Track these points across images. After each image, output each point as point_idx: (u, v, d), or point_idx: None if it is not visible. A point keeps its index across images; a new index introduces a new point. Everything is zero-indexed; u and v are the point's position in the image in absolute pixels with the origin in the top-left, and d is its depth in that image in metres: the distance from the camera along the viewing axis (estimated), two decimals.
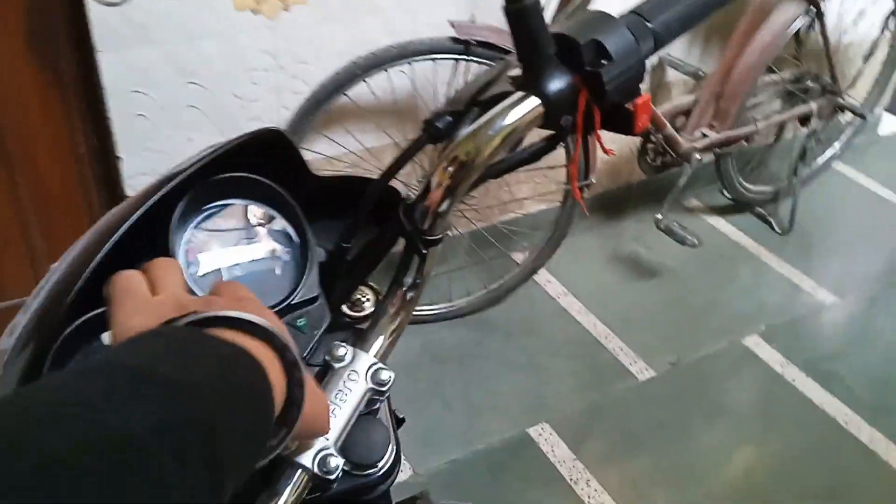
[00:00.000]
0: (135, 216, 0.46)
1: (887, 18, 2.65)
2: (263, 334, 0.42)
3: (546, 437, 1.87)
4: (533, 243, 2.20)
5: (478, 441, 1.83)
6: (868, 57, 2.73)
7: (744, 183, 2.63)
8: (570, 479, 1.78)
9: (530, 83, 0.51)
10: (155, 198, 0.48)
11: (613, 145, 2.32)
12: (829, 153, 2.90)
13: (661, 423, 1.95)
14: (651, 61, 1.81)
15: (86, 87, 1.59)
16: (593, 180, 2.00)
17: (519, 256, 2.28)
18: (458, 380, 1.98)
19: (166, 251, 0.53)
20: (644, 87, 0.81)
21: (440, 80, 1.90)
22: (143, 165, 1.68)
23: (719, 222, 2.68)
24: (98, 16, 1.48)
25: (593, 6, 1.52)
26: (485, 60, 1.81)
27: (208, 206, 0.57)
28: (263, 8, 1.64)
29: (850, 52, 2.74)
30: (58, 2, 1.48)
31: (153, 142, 1.67)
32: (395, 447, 0.57)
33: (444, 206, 0.53)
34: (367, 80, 1.77)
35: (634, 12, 0.55)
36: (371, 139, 1.95)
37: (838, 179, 2.96)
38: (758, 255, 2.56)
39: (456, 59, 1.82)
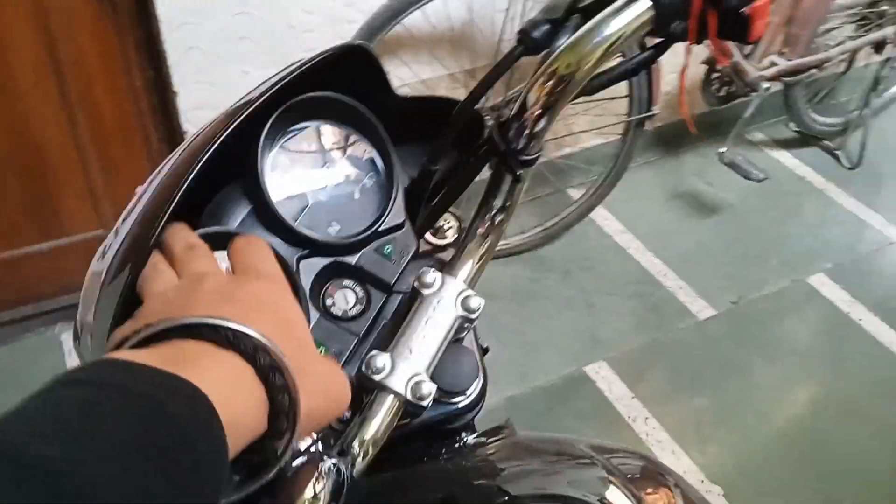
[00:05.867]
0: (220, 138, 0.44)
1: None
2: (229, 340, 0.36)
3: (603, 375, 1.85)
4: (590, 179, 2.15)
5: (534, 378, 1.83)
6: None
7: (812, 114, 2.51)
8: (628, 417, 1.76)
9: None
10: (241, 117, 0.45)
11: (672, 74, 2.24)
12: None
13: (722, 362, 1.91)
14: None
15: (140, 18, 1.57)
16: (656, 110, 1.92)
17: (575, 193, 2.23)
18: (513, 317, 1.96)
19: (254, 172, 0.51)
20: None
21: (498, 7, 1.83)
22: (198, 99, 1.66)
23: (785, 156, 2.57)
24: None
25: None
26: None
27: (292, 127, 0.55)
28: None
29: None
30: None
31: (208, 75, 1.64)
32: (483, 375, 0.55)
33: (541, 125, 0.49)
34: (422, 7, 1.71)
35: None
36: (426, 70, 1.90)
37: None
38: (824, 191, 2.46)
39: None
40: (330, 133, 0.57)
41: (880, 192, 2.47)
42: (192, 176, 0.43)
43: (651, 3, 0.46)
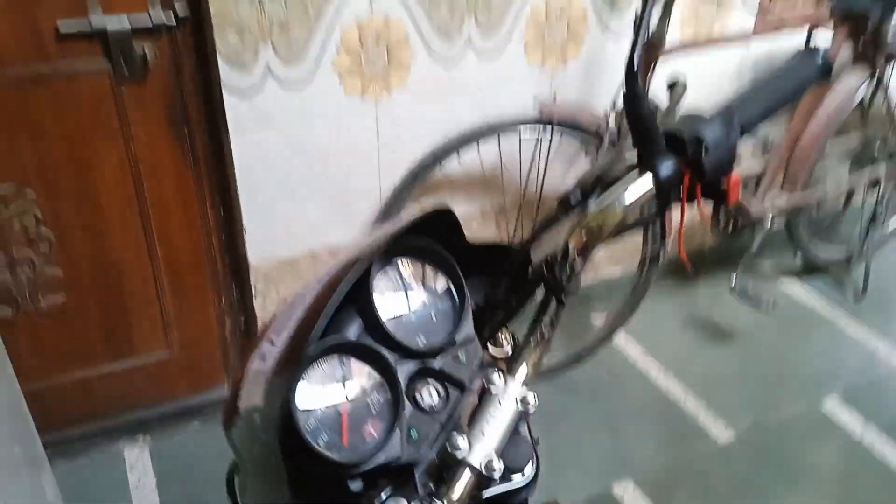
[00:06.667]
0: (354, 276, 0.62)
1: None
2: None
3: (630, 494, 1.94)
4: (610, 307, 2.32)
5: (563, 496, 1.91)
6: None
7: (816, 246, 2.70)
8: None
9: (645, 167, 0.66)
10: (367, 262, 0.64)
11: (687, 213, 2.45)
12: None
13: (742, 484, 2.00)
14: None
15: (217, 166, 1.82)
16: (669, 245, 2.12)
17: (597, 319, 2.39)
18: (542, 437, 2.06)
19: (368, 298, 0.69)
20: None
21: (525, 154, 2.07)
22: (262, 235, 1.88)
23: (793, 286, 2.74)
24: (231, 105, 1.71)
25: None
26: (567, 137, 1.97)
27: (390, 262, 0.73)
28: (370, 93, 1.85)
29: None
30: (194, 94, 1.72)
31: (271, 213, 1.87)
32: (536, 459, 0.71)
33: (579, 265, 0.68)
34: (459, 153, 1.95)
35: (725, 109, 0.70)
36: (461, 208, 2.12)
37: None
38: (832, 319, 2.60)
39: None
40: (416, 268, 0.76)
41: (887, 319, 2.61)
42: (335, 305, 0.61)
43: (653, 180, 0.66)
